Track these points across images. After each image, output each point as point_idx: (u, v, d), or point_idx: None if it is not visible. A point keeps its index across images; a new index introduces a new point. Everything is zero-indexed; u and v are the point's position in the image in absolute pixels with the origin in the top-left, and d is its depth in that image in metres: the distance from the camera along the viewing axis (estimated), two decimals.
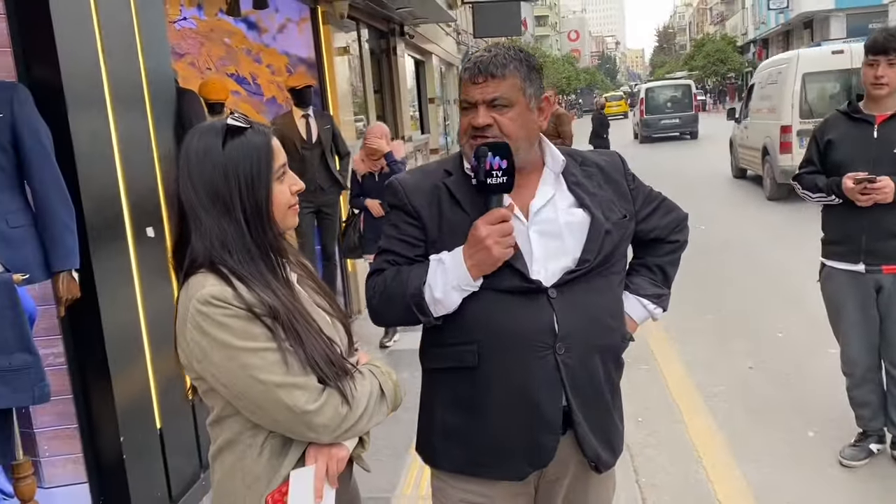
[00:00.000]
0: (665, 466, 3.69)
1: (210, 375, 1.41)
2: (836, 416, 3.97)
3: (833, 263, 3.45)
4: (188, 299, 1.40)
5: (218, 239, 1.42)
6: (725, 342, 5.46)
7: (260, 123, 1.52)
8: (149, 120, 3.41)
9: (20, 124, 2.65)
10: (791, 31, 38.58)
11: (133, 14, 3.34)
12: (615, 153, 1.92)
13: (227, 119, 1.46)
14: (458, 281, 1.61)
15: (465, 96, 1.67)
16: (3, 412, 2.57)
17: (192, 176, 1.44)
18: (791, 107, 10.60)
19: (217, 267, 1.41)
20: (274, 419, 1.40)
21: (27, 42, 2.82)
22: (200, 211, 1.43)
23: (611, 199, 1.77)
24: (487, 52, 1.66)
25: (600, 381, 1.73)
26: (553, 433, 1.68)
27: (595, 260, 1.68)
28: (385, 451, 3.74)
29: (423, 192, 1.73)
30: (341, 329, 1.58)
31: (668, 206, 1.95)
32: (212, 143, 1.44)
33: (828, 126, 3.44)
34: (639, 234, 1.88)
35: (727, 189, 13.40)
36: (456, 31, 18.57)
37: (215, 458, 1.50)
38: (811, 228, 3.96)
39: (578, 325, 1.66)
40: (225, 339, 1.36)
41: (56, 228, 2.72)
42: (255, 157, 1.44)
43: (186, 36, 5.21)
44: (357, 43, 8.75)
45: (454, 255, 1.63)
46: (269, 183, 1.45)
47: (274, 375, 1.37)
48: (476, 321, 1.65)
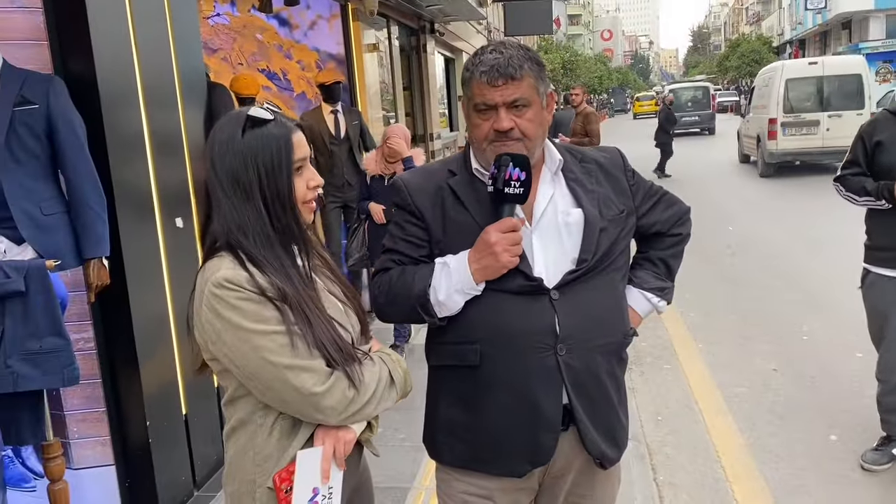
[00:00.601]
0: (684, 465, 3.69)
1: (223, 356, 1.46)
2: (860, 421, 3.93)
3: (879, 270, 3.35)
4: (204, 282, 1.46)
5: (235, 223, 1.48)
6: (748, 343, 5.42)
7: (287, 117, 1.56)
8: (180, 113, 3.49)
9: (55, 115, 2.73)
10: (829, 31, 37.95)
11: (166, 9, 3.42)
12: (615, 149, 1.92)
13: (252, 110, 1.50)
14: (462, 285, 1.65)
15: (482, 99, 1.66)
16: (34, 394, 2.65)
17: (214, 162, 1.50)
18: (777, 104, 13.96)
19: (234, 250, 1.47)
20: (283, 400, 1.45)
21: (63, 36, 2.91)
22: (221, 195, 1.49)
23: (608, 195, 1.78)
24: (500, 54, 1.65)
25: (603, 378, 1.74)
26: (552, 432, 1.70)
27: (592, 259, 1.70)
28: (406, 442, 3.79)
29: (427, 193, 1.75)
30: (353, 317, 1.62)
31: (669, 199, 1.95)
32: (233, 131, 1.49)
33: (877, 127, 3.33)
34: (641, 228, 1.89)
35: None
36: (487, 29, 18.55)
37: (229, 437, 1.56)
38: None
39: (580, 325, 1.68)
40: (237, 322, 1.41)
41: (88, 217, 2.80)
42: (274, 148, 1.48)
43: (219, 31, 5.31)
44: (387, 40, 8.80)
45: (459, 258, 1.66)
46: (290, 173, 1.50)
47: (283, 358, 1.42)
48: (479, 321, 1.68)
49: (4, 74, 2.70)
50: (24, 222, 2.71)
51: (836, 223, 7.59)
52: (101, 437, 3.12)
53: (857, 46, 30.48)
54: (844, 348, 5.01)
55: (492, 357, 1.68)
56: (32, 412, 2.68)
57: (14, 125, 2.67)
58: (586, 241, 1.70)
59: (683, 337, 5.52)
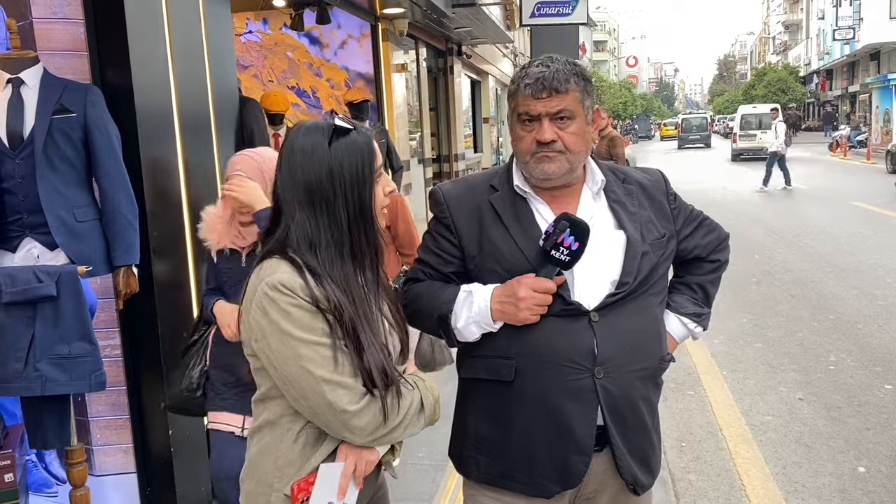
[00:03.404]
0: (706, 492, 3.63)
1: (264, 356, 1.46)
2: (890, 453, 3.85)
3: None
4: (259, 281, 1.45)
5: (306, 237, 1.46)
6: (775, 371, 5.34)
7: (363, 126, 1.55)
8: (212, 126, 3.54)
9: (91, 123, 2.78)
10: (857, 62, 37.77)
11: (202, 25, 3.48)
12: (658, 171, 1.91)
13: (336, 119, 1.49)
14: (480, 318, 1.64)
15: (525, 109, 1.66)
16: (60, 398, 2.68)
17: (293, 171, 1.47)
18: (738, 127, 30.21)
19: (291, 256, 1.45)
20: (314, 411, 1.44)
21: (103, 47, 2.97)
22: (296, 207, 1.47)
23: (650, 219, 1.76)
24: (546, 67, 1.65)
25: (639, 403, 1.71)
26: (584, 455, 1.66)
27: (634, 282, 1.67)
28: (426, 461, 3.76)
29: (467, 208, 1.74)
30: (396, 338, 1.60)
31: (709, 225, 1.93)
32: (318, 141, 1.47)
33: None
34: (680, 252, 1.86)
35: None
36: (513, 53, 18.66)
37: (253, 435, 1.56)
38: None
39: (619, 349, 1.65)
40: (285, 327, 1.41)
41: (119, 225, 2.83)
42: (360, 158, 1.48)
43: (251, 49, 5.40)
44: (415, 61, 8.88)
45: (484, 292, 1.65)
46: (372, 184, 1.49)
47: (323, 370, 1.41)
48: (516, 337, 1.66)
49: (45, 83, 2.76)
50: (58, 228, 2.75)
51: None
52: (123, 444, 3.14)
53: (886, 77, 30.22)
54: (872, 378, 4.93)
55: (526, 374, 1.66)
56: (58, 416, 2.70)
57: (52, 133, 2.72)
58: (628, 263, 1.68)
59: (708, 364, 5.46)
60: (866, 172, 21.59)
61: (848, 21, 34.79)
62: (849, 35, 34.82)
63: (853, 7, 34.48)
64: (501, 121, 18.09)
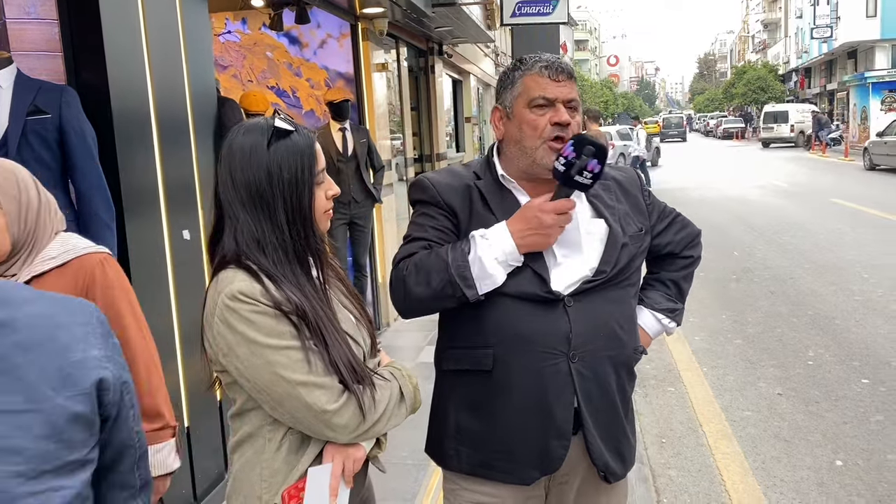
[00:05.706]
0: (687, 488, 3.66)
1: (234, 369, 1.42)
2: (866, 447, 3.90)
3: None
4: (217, 294, 1.42)
5: (253, 238, 1.43)
6: (754, 367, 5.39)
7: (304, 127, 1.53)
8: (190, 126, 3.51)
9: (67, 125, 2.76)
10: (834, 60, 38.15)
11: (179, 24, 3.45)
12: (631, 169, 1.96)
13: (275, 121, 1.46)
14: (507, 256, 1.62)
15: (541, 93, 1.66)
16: None
17: (233, 172, 1.44)
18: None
19: (247, 263, 1.42)
20: (294, 416, 1.42)
21: (78, 47, 2.94)
22: (238, 208, 1.44)
23: (627, 213, 1.79)
24: (553, 56, 1.70)
25: (612, 391, 1.74)
26: (563, 439, 1.69)
27: (612, 271, 1.70)
28: (408, 460, 3.77)
29: (456, 190, 1.75)
30: (364, 331, 1.60)
31: (682, 221, 1.97)
32: (258, 141, 1.44)
33: None
34: (653, 248, 1.90)
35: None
36: (494, 53, 18.68)
37: (234, 450, 1.52)
38: None
39: (593, 334, 1.68)
40: (251, 335, 1.38)
41: (96, 226, 2.81)
42: (300, 161, 1.45)
43: (230, 49, 5.37)
44: (396, 60, 8.86)
45: (497, 231, 1.64)
46: (311, 186, 1.47)
47: (297, 374, 1.38)
48: (494, 326, 1.67)
49: (19, 84, 2.73)
50: None
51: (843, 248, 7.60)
52: None
53: (863, 76, 30.61)
54: (849, 373, 4.99)
55: (506, 362, 1.67)
56: None
57: (27, 134, 2.69)
58: (608, 252, 1.71)
59: (688, 360, 5.50)
60: (844, 169, 21.85)
61: (825, 20, 35.16)
62: (826, 34, 35.19)
63: (830, 6, 34.85)
64: (484, 120, 18.10)
